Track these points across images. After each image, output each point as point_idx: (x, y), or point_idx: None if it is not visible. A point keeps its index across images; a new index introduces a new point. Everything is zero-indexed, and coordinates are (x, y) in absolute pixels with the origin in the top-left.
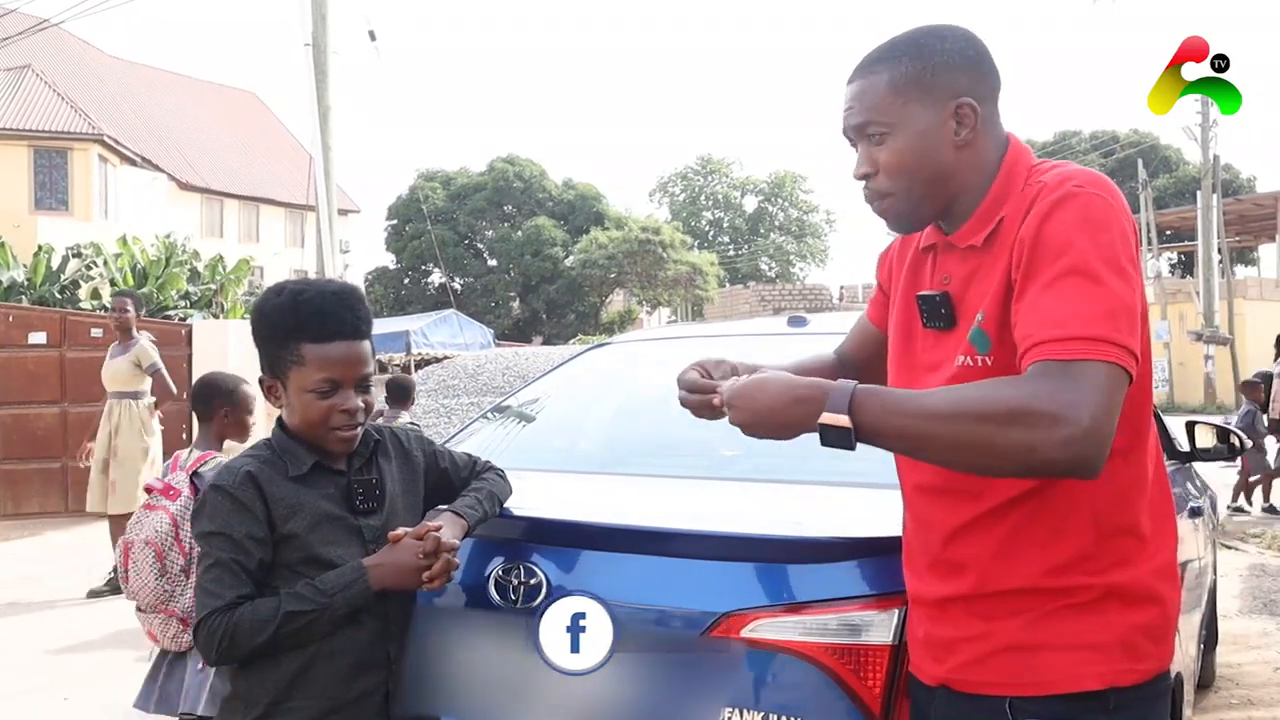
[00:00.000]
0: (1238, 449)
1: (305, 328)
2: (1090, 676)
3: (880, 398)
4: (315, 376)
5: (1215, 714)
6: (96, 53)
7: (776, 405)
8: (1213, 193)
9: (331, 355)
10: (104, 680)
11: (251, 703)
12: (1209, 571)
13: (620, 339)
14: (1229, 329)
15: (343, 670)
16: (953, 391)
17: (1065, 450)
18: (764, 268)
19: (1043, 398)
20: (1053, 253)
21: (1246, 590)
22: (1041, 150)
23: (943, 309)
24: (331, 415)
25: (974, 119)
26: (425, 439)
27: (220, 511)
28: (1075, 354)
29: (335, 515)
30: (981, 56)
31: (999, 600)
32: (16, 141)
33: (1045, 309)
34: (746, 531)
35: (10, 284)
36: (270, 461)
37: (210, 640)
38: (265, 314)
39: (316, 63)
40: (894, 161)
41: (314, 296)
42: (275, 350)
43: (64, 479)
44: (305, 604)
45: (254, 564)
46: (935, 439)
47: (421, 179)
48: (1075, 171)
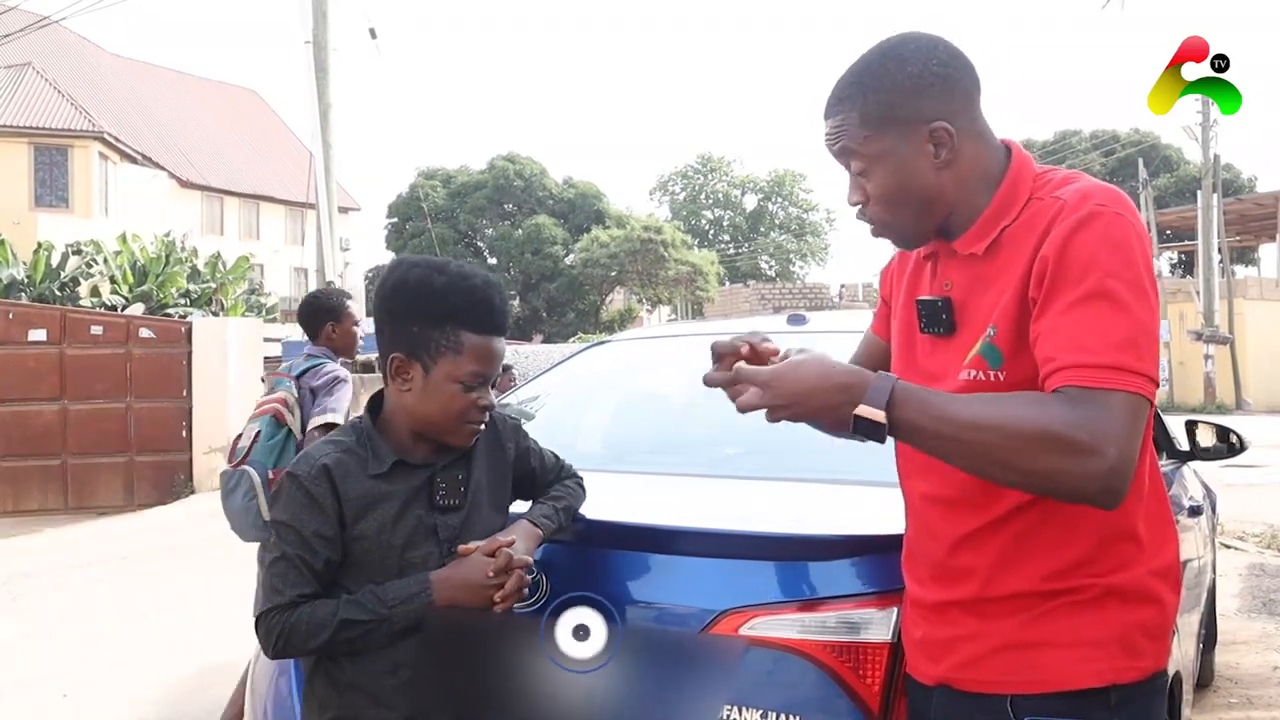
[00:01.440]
0: (1238, 448)
1: (472, 315)
2: (1090, 674)
3: (919, 397)
4: (469, 368)
5: (1214, 713)
6: (97, 50)
7: (816, 388)
8: (1213, 192)
9: (488, 349)
10: (103, 677)
11: (325, 705)
12: (1208, 570)
13: (620, 337)
14: (1229, 329)
15: (403, 684)
16: (988, 403)
17: (1092, 483)
18: (764, 266)
19: (1075, 426)
20: (1076, 274)
21: (1246, 589)
22: (1041, 149)
23: (943, 314)
24: (470, 410)
25: (950, 140)
26: (522, 430)
27: (293, 504)
28: (1101, 383)
29: (412, 511)
30: (948, 68)
31: (998, 602)
32: (17, 139)
33: (1069, 332)
34: (746, 529)
35: (10, 281)
36: (351, 452)
37: (268, 637)
38: (425, 291)
39: (317, 60)
40: (880, 193)
41: (482, 285)
42: (427, 331)
43: (64, 476)
44: (363, 613)
45: (320, 563)
46: (966, 447)
47: (422, 177)
48: (1094, 188)
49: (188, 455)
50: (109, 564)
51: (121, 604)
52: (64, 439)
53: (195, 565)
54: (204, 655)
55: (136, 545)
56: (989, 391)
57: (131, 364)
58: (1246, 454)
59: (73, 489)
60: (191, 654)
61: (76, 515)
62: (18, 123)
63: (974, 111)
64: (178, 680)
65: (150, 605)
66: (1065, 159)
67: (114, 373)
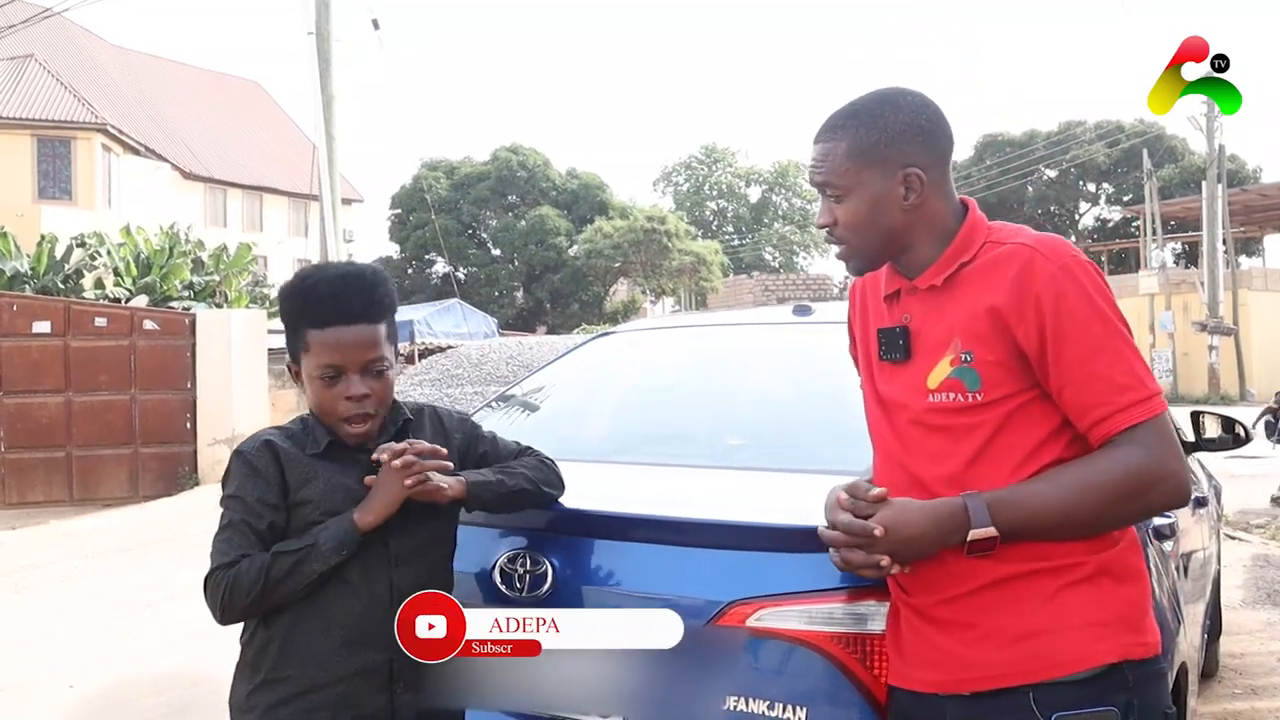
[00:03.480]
0: (1243, 439)
1: (307, 313)
2: (1102, 651)
3: (1009, 501)
4: (317, 362)
5: (1219, 704)
6: (100, 42)
7: (928, 534)
8: (1218, 183)
9: (328, 340)
10: (109, 669)
11: (255, 669)
12: (1213, 561)
13: (624, 328)
14: (1233, 319)
15: (336, 642)
16: (1069, 477)
17: (1174, 497)
18: (767, 257)
19: (1151, 463)
20: (1082, 321)
21: (1251, 581)
22: (1046, 140)
23: (900, 340)
24: (338, 403)
25: (920, 186)
26: (470, 421)
27: (237, 476)
28: (1150, 412)
29: (350, 489)
30: (933, 125)
31: (996, 590)
32: (19, 131)
33: (1107, 376)
34: (752, 520)
35: (14, 273)
36: (293, 435)
37: (214, 596)
38: (281, 300)
39: (320, 51)
40: (849, 220)
41: (317, 281)
42: (289, 336)
43: (68, 468)
44: (291, 545)
45: (264, 525)
46: (1069, 523)
47: (425, 168)
48: (1057, 239)
49: (192, 447)
50: (114, 555)
51: (127, 595)
52: (68, 431)
53: (200, 556)
54: (209, 646)
55: (141, 537)
56: (968, 414)
57: (135, 356)
58: (1251, 445)
59: (77, 481)
60: (197, 645)
61: (81, 507)
62: (20, 114)
63: (944, 168)
64: (182, 671)
65: (155, 596)
66: (1070, 150)
67: (118, 365)
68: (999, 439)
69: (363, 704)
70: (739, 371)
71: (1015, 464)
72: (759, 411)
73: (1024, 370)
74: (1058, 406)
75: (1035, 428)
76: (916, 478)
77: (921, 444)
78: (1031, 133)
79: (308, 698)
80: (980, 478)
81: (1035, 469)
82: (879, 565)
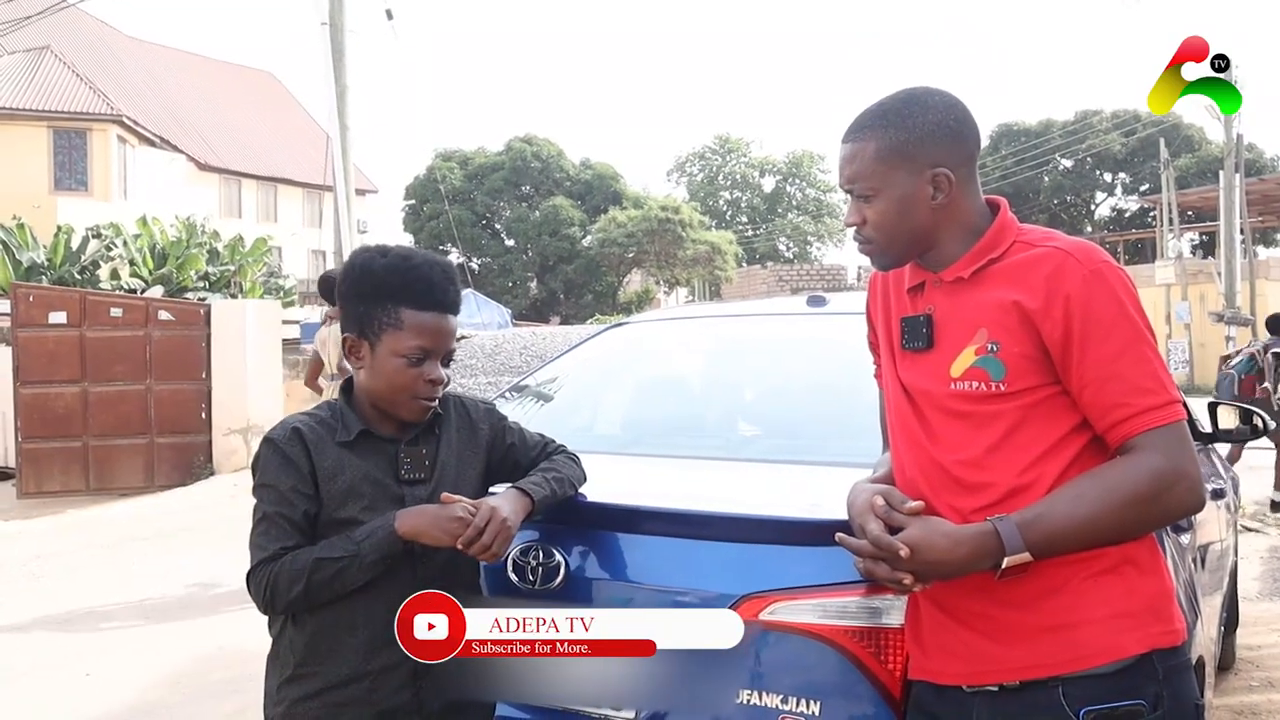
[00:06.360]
0: (1261, 430)
1: (409, 293)
2: (1131, 643)
3: (1038, 520)
4: (410, 343)
5: (1235, 696)
6: (115, 33)
7: (954, 560)
8: (1235, 173)
9: (429, 324)
10: (125, 656)
11: (284, 663)
12: (1230, 554)
13: (638, 319)
14: (1251, 310)
15: (361, 643)
16: (1090, 487)
17: (1191, 499)
18: (781, 248)
19: (1169, 465)
20: (1109, 323)
21: (1267, 573)
22: (1063, 129)
23: (924, 329)
24: (418, 384)
25: (949, 186)
26: (496, 412)
27: (269, 465)
28: (1171, 417)
29: (379, 481)
30: (961, 125)
31: (1019, 583)
32: (36, 122)
33: (1130, 378)
34: (765, 513)
35: (30, 264)
36: (324, 422)
37: (258, 591)
38: (369, 273)
39: (333, 42)
40: (878, 219)
41: (421, 264)
42: (371, 310)
43: (85, 457)
44: (335, 551)
45: (299, 515)
46: (1095, 532)
47: (439, 159)
48: (1088, 244)
49: (207, 437)
50: (130, 544)
51: (143, 584)
52: (85, 421)
53: (216, 545)
54: (224, 635)
55: (158, 526)
56: (991, 402)
57: (151, 346)
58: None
59: (94, 470)
60: (213, 633)
61: (98, 496)
62: (36, 106)
63: (971, 169)
64: (199, 659)
65: (171, 585)
66: (1086, 139)
67: (134, 355)
68: (1020, 431)
69: (388, 700)
70: (753, 363)
71: (1034, 457)
72: (773, 403)
73: (1048, 365)
74: (1078, 406)
75: (1056, 423)
76: (936, 461)
77: (943, 429)
78: (1047, 122)
79: (333, 693)
80: (999, 464)
81: (1054, 465)
82: (901, 583)
